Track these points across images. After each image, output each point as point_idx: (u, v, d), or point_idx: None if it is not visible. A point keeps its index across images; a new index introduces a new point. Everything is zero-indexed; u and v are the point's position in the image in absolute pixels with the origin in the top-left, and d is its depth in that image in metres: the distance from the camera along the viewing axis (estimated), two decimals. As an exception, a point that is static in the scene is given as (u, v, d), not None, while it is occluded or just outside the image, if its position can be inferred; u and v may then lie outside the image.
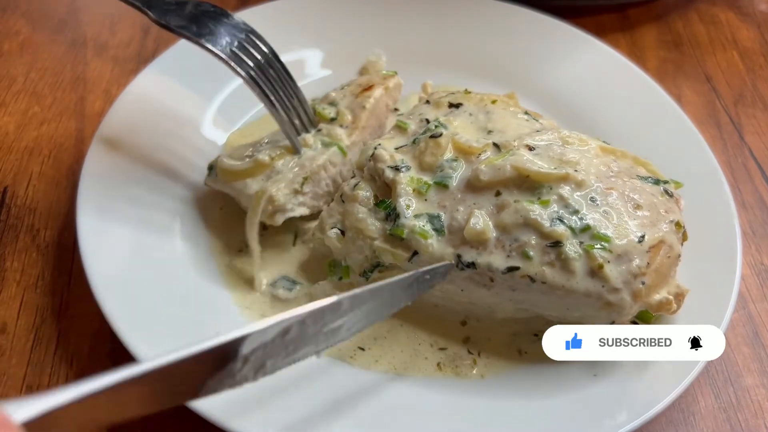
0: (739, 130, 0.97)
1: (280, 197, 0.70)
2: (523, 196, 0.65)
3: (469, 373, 0.66)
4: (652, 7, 1.15)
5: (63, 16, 1.04)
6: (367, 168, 0.69)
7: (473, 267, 0.63)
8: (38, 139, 0.87)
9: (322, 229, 0.69)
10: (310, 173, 0.72)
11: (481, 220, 0.64)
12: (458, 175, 0.67)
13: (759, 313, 0.77)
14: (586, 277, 0.62)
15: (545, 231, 0.62)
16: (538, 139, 0.69)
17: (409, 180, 0.67)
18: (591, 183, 0.65)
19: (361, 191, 0.68)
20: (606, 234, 0.62)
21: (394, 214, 0.66)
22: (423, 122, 0.73)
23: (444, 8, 0.98)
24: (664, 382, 0.63)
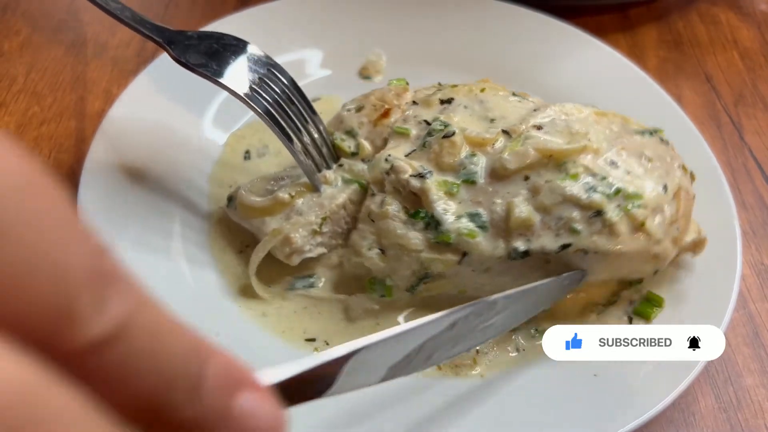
0: (739, 130, 0.97)
1: (297, 239, 0.68)
2: (552, 175, 0.66)
3: (468, 373, 0.66)
4: (652, 7, 1.15)
5: (63, 16, 1.04)
6: (388, 182, 0.67)
7: (527, 254, 0.64)
8: (38, 139, 0.87)
9: (357, 253, 0.67)
10: (330, 213, 0.70)
11: (524, 207, 0.64)
12: (481, 169, 0.67)
13: (759, 313, 0.77)
14: (632, 237, 0.64)
15: (584, 203, 0.64)
16: (541, 118, 0.70)
17: (437, 184, 0.66)
18: (605, 148, 0.68)
19: (389, 207, 0.66)
20: (636, 192, 0.65)
21: (433, 221, 0.64)
22: (421, 124, 0.71)
23: (444, 8, 0.98)
24: (664, 382, 0.63)
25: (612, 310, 0.71)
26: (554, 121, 0.70)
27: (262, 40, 0.91)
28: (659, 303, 0.70)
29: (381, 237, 0.66)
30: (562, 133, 0.68)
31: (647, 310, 0.70)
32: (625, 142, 0.69)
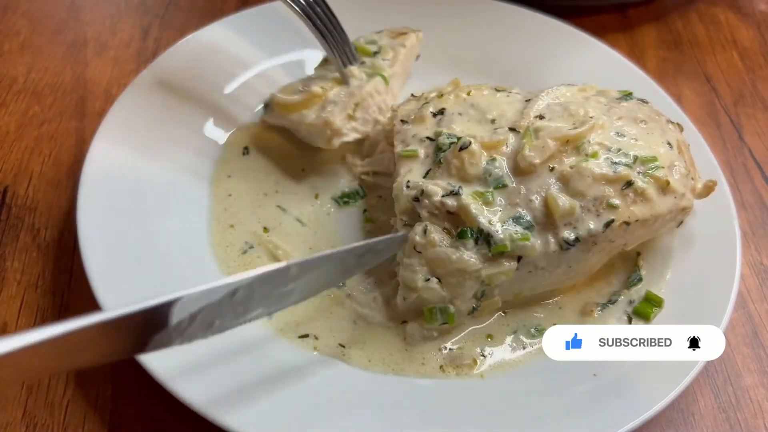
0: (738, 130, 0.97)
1: (337, 122, 0.77)
2: (574, 159, 0.67)
3: (469, 373, 0.66)
4: (652, 7, 1.15)
5: (63, 17, 1.04)
6: (422, 208, 0.66)
7: (578, 241, 0.65)
8: (39, 139, 0.87)
9: (412, 288, 0.65)
10: (360, 100, 0.79)
11: (562, 197, 0.65)
12: (505, 171, 0.67)
13: (758, 312, 0.77)
14: (662, 198, 0.68)
15: (613, 178, 0.66)
16: (537, 108, 0.71)
17: (472, 197, 0.65)
18: (607, 121, 0.71)
19: (434, 234, 0.64)
20: (651, 155, 0.69)
21: (482, 235, 0.64)
22: (424, 141, 0.71)
23: (444, 9, 0.98)
24: (664, 382, 0.63)
25: (612, 310, 0.71)
26: (551, 107, 0.72)
27: (262, 40, 0.92)
28: (659, 303, 0.71)
29: (434, 266, 0.64)
30: (563, 117, 0.71)
31: (647, 310, 0.70)
32: (618, 112, 0.73)
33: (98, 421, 0.63)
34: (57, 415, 0.64)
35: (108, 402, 0.65)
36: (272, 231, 0.76)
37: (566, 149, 0.68)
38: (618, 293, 0.73)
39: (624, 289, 0.73)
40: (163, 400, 0.60)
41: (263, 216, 0.77)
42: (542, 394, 0.64)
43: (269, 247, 0.74)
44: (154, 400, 0.64)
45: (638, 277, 0.73)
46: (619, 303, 0.72)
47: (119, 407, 0.65)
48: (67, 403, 0.64)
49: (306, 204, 0.79)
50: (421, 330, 0.67)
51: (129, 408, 0.65)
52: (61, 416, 0.64)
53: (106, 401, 0.65)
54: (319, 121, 0.77)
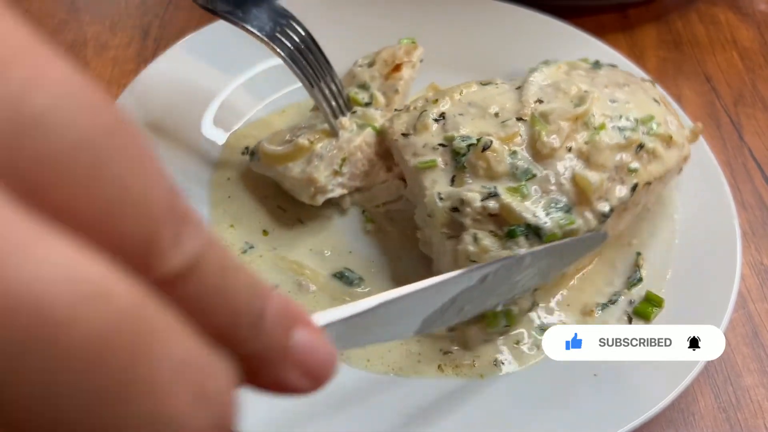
0: (738, 130, 0.97)
1: (321, 179, 0.73)
2: (585, 135, 0.68)
3: (468, 373, 0.66)
4: (652, 7, 1.16)
5: (63, 17, 1.04)
6: (465, 216, 0.64)
7: (612, 211, 0.66)
8: (38, 139, 0.87)
9: None
10: (348, 154, 0.75)
11: (590, 174, 0.66)
12: (529, 161, 0.67)
13: (759, 312, 0.77)
14: (668, 152, 0.71)
15: (626, 144, 0.68)
16: (533, 93, 0.72)
17: (510, 194, 0.65)
18: (599, 92, 0.72)
19: (484, 241, 0.64)
20: (648, 114, 0.71)
21: (531, 230, 0.64)
22: (437, 149, 0.69)
23: (444, 9, 0.98)
24: (664, 382, 0.63)
25: (612, 309, 0.71)
26: (544, 90, 0.74)
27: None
28: (659, 303, 0.71)
29: None
30: (560, 97, 0.72)
31: (647, 310, 0.70)
32: (601, 80, 0.76)
33: (98, 421, 0.63)
34: (57, 415, 0.63)
35: (108, 402, 0.65)
36: (273, 231, 0.76)
37: (576, 127, 0.69)
38: (618, 293, 0.73)
39: (624, 289, 0.73)
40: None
41: (263, 216, 0.77)
42: (542, 394, 0.64)
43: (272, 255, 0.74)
44: (154, 400, 0.64)
45: (638, 277, 0.73)
46: (619, 303, 0.72)
47: (119, 407, 0.64)
48: (67, 403, 0.64)
49: (306, 204, 0.79)
50: (483, 334, 0.67)
51: (129, 408, 0.64)
52: (61, 416, 0.63)
53: (106, 401, 0.65)
54: (303, 176, 0.73)
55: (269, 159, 0.75)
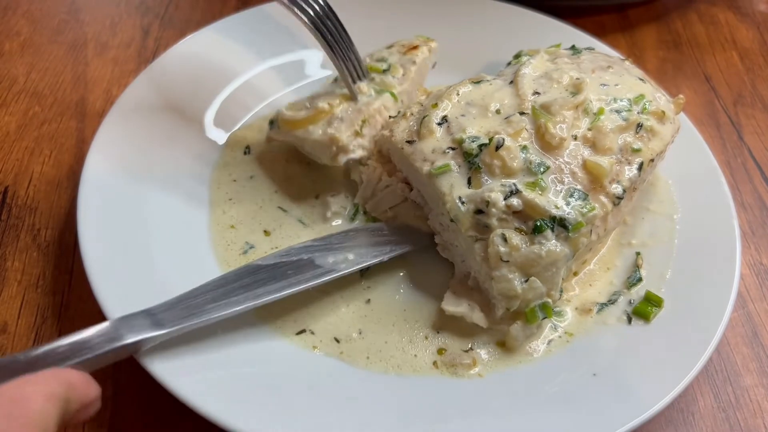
0: (738, 130, 0.97)
1: (343, 138, 0.75)
2: (587, 121, 0.70)
3: (467, 373, 0.66)
4: (651, 8, 1.16)
5: (64, 17, 1.04)
6: (492, 217, 0.65)
7: (625, 192, 0.68)
8: (39, 139, 0.87)
9: (514, 296, 0.65)
10: (368, 116, 0.78)
11: (600, 159, 0.68)
12: (540, 153, 0.68)
13: (758, 312, 0.77)
14: (663, 127, 0.73)
15: (626, 126, 0.71)
16: (528, 86, 0.74)
17: (531, 189, 0.66)
18: (589, 77, 0.75)
19: (515, 239, 0.64)
20: (639, 93, 0.74)
21: (556, 222, 0.65)
22: (447, 153, 0.69)
23: (444, 8, 0.98)
24: (664, 382, 0.63)
25: (612, 309, 0.71)
26: (538, 81, 0.75)
27: (262, 40, 0.92)
28: (658, 303, 0.71)
29: (526, 268, 0.65)
30: (554, 87, 0.74)
31: (646, 310, 0.70)
32: (587, 66, 0.78)
33: (98, 421, 0.63)
34: (57, 415, 0.64)
35: (108, 402, 0.65)
36: (273, 232, 0.76)
37: (578, 115, 0.71)
38: (618, 293, 0.73)
39: (624, 289, 0.73)
40: (163, 400, 0.60)
41: (264, 217, 0.77)
42: (542, 394, 0.64)
43: None
44: (154, 401, 0.64)
45: (638, 277, 0.73)
46: (619, 303, 0.72)
47: (120, 407, 0.65)
48: (67, 403, 0.64)
49: (307, 204, 0.79)
50: (525, 330, 0.67)
51: (129, 408, 0.65)
52: (62, 416, 0.64)
53: (107, 401, 0.65)
54: (324, 137, 0.75)
55: (289, 125, 0.77)
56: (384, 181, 0.78)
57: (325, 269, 0.68)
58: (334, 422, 0.60)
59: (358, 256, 0.70)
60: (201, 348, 0.63)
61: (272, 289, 0.65)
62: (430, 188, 0.70)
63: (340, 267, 0.68)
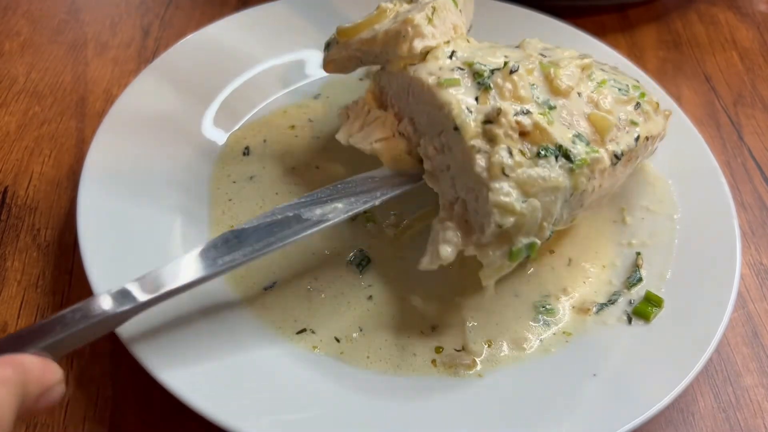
0: (738, 130, 0.97)
1: (417, 18, 0.70)
2: (591, 86, 0.71)
3: (467, 373, 0.66)
4: (652, 8, 1.16)
5: (63, 17, 1.04)
6: (501, 128, 0.63)
7: (622, 155, 0.68)
8: (39, 139, 0.87)
9: (511, 211, 0.61)
10: (437, 6, 0.72)
11: (606, 114, 0.68)
12: (549, 94, 0.68)
13: (758, 312, 0.77)
14: (657, 118, 0.74)
15: (626, 100, 0.71)
16: (536, 48, 0.75)
17: (543, 116, 0.65)
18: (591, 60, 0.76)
19: (519, 156, 0.62)
20: (635, 83, 0.75)
21: (561, 152, 0.63)
22: (455, 71, 0.68)
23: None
24: (664, 382, 0.63)
25: (611, 309, 0.71)
26: (544, 51, 0.75)
27: (262, 40, 0.92)
28: (658, 303, 0.71)
29: (526, 188, 0.62)
30: (559, 54, 0.74)
31: (647, 310, 0.70)
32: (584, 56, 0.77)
33: (98, 421, 0.64)
34: (57, 415, 0.64)
35: (108, 402, 0.65)
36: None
37: (583, 77, 0.71)
38: (618, 293, 0.73)
39: (624, 289, 0.73)
40: (164, 400, 0.60)
41: (263, 216, 0.77)
42: (542, 394, 0.64)
43: None
44: (154, 401, 0.64)
45: (638, 277, 0.73)
46: (619, 303, 0.72)
47: (120, 407, 0.65)
48: (67, 403, 0.64)
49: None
50: (501, 261, 0.64)
51: (129, 408, 0.65)
52: (61, 416, 0.64)
53: (106, 401, 0.65)
54: (397, 23, 0.71)
55: (351, 31, 0.74)
56: (374, 114, 0.76)
57: (313, 221, 0.66)
58: (334, 423, 0.60)
59: (348, 204, 0.68)
60: (201, 347, 0.63)
61: (258, 248, 0.63)
62: (431, 104, 0.68)
63: (329, 217, 0.66)
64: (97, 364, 0.67)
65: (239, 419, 0.57)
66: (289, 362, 0.65)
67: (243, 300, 0.70)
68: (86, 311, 0.54)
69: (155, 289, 0.58)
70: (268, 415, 0.59)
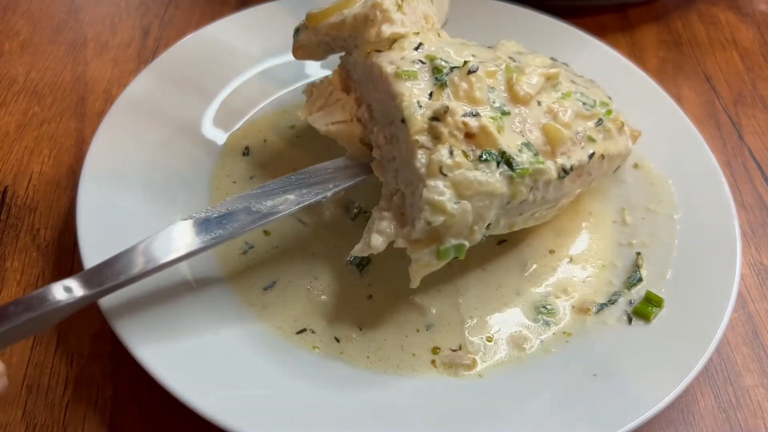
0: (738, 130, 0.97)
1: (387, 3, 0.69)
2: (554, 96, 0.71)
3: (467, 373, 0.66)
4: (652, 7, 1.16)
5: (63, 17, 1.04)
6: (446, 127, 0.63)
7: (572, 170, 0.67)
8: (38, 139, 0.87)
9: (442, 210, 0.60)
10: None
11: (561, 127, 0.67)
12: (505, 99, 0.67)
13: (758, 312, 0.77)
14: (619, 137, 0.74)
15: (588, 115, 0.71)
16: (505, 51, 0.74)
17: (493, 120, 0.64)
18: (562, 70, 0.75)
19: (460, 158, 0.62)
20: (604, 100, 0.75)
21: (503, 158, 0.63)
22: (416, 63, 0.67)
23: (444, 8, 0.98)
24: (664, 382, 0.63)
25: (612, 310, 0.71)
26: (516, 55, 0.75)
27: (262, 40, 0.92)
28: (659, 303, 0.71)
29: (461, 189, 0.62)
30: (530, 60, 0.74)
31: (647, 310, 0.70)
32: (559, 66, 0.78)
33: (98, 421, 0.64)
34: (57, 415, 0.64)
35: (108, 402, 0.65)
36: (273, 232, 0.76)
37: (547, 87, 0.71)
38: (618, 293, 0.73)
39: (624, 289, 0.73)
40: (163, 401, 0.60)
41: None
42: (542, 394, 0.64)
43: None
44: (154, 401, 0.64)
45: (638, 277, 0.73)
46: (619, 303, 0.72)
47: (119, 408, 0.65)
48: (67, 403, 0.64)
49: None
50: (429, 257, 0.64)
51: (129, 408, 0.65)
52: (61, 416, 0.64)
53: (106, 401, 0.65)
54: (365, 8, 0.70)
55: (319, 16, 0.73)
56: (335, 95, 0.76)
57: (263, 213, 0.65)
58: (335, 423, 0.60)
59: (299, 196, 0.67)
60: (200, 347, 0.63)
61: (207, 241, 0.62)
62: (386, 93, 0.67)
63: (280, 209, 0.66)
64: (97, 364, 0.67)
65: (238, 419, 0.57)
66: (289, 362, 0.65)
67: (243, 300, 0.70)
68: (28, 304, 0.53)
69: (99, 283, 0.57)
70: (267, 415, 0.59)
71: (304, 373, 0.64)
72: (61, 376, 0.66)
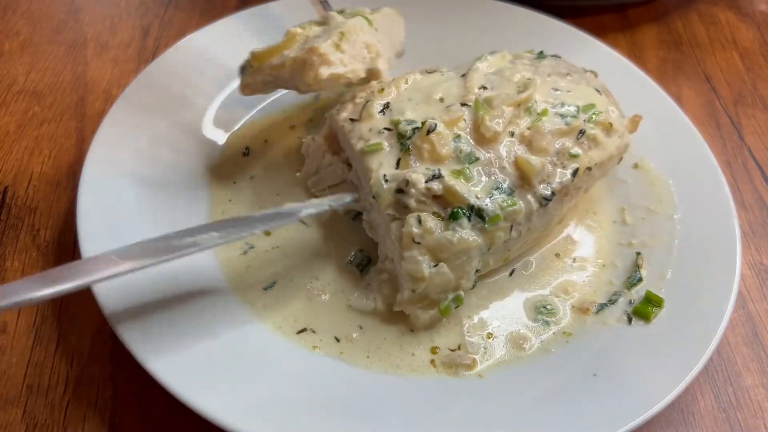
0: (738, 130, 0.97)
1: (323, 47, 0.71)
2: (528, 120, 0.70)
3: (467, 373, 0.66)
4: (652, 7, 1.16)
5: (63, 17, 1.04)
6: (410, 198, 0.65)
7: (554, 195, 0.68)
8: (38, 139, 0.87)
9: (421, 278, 0.64)
10: (345, 31, 0.73)
11: (531, 157, 0.68)
12: (472, 144, 0.68)
13: (758, 312, 0.77)
14: (609, 139, 0.73)
15: (567, 130, 0.71)
16: (477, 80, 0.74)
17: (455, 176, 0.66)
18: (542, 80, 0.75)
19: (429, 222, 0.64)
20: (589, 102, 0.73)
21: (473, 211, 0.65)
22: (383, 132, 0.70)
23: (443, 8, 0.98)
24: (664, 382, 0.63)
25: (612, 309, 0.71)
26: (488, 77, 0.76)
27: (262, 40, 0.92)
28: (659, 303, 0.71)
29: (437, 253, 0.65)
30: (504, 84, 0.74)
31: (647, 310, 0.70)
32: (545, 69, 0.78)
33: (98, 421, 0.64)
34: (57, 415, 0.64)
35: (108, 402, 0.65)
36: (274, 232, 0.76)
37: (519, 113, 0.71)
38: (618, 293, 0.73)
39: (624, 289, 0.73)
40: (163, 400, 0.60)
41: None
42: (542, 394, 0.64)
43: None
44: (154, 401, 0.64)
45: (638, 277, 0.73)
46: (619, 303, 0.72)
47: (119, 408, 0.65)
48: (67, 403, 0.64)
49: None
50: (430, 315, 0.67)
51: (129, 408, 0.65)
52: (61, 416, 0.64)
53: (106, 401, 0.65)
54: (302, 51, 0.71)
55: (262, 56, 0.74)
56: (327, 159, 0.78)
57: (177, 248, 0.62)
58: (335, 423, 0.60)
59: (225, 234, 0.64)
60: (200, 347, 0.63)
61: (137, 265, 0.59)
62: (361, 166, 0.70)
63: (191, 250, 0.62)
64: (97, 364, 0.67)
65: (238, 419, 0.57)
66: (289, 362, 0.65)
67: (243, 300, 0.70)
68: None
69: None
70: (267, 414, 0.59)
71: (304, 373, 0.64)
72: (62, 376, 0.66)
